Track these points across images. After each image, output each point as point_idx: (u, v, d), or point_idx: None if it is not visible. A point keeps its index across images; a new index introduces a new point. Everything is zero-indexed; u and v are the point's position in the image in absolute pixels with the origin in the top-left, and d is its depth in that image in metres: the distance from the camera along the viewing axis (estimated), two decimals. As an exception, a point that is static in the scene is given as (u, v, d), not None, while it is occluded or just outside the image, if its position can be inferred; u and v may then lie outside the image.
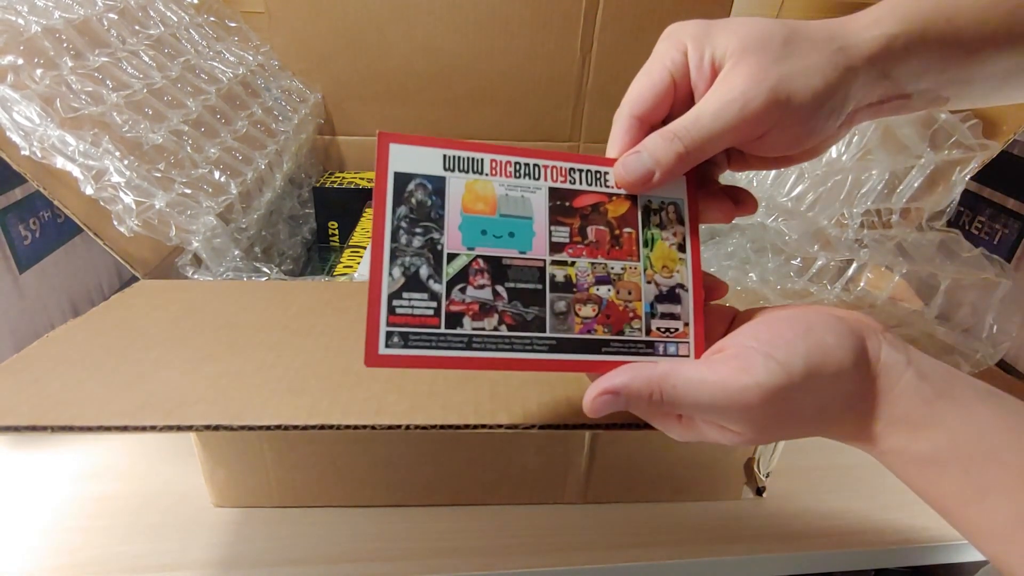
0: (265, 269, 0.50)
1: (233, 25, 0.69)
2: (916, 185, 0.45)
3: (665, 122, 0.27)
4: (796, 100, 0.25)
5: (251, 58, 0.68)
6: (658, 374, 0.24)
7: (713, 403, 0.24)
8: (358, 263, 0.57)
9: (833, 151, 0.52)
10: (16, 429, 0.27)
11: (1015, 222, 0.68)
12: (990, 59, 0.26)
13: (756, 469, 0.50)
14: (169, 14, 0.60)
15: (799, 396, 0.24)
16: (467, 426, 0.28)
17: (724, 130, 0.25)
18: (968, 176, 0.44)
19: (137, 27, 0.55)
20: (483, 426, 0.28)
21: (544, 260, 0.26)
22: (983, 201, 0.72)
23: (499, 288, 0.25)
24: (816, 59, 0.25)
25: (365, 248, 0.61)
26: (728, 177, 0.67)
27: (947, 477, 0.23)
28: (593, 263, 0.27)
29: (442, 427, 0.28)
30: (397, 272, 0.25)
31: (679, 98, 0.27)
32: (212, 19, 0.67)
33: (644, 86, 0.27)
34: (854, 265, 0.47)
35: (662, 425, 0.27)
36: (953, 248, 0.41)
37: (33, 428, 0.27)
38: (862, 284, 0.46)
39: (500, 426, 0.28)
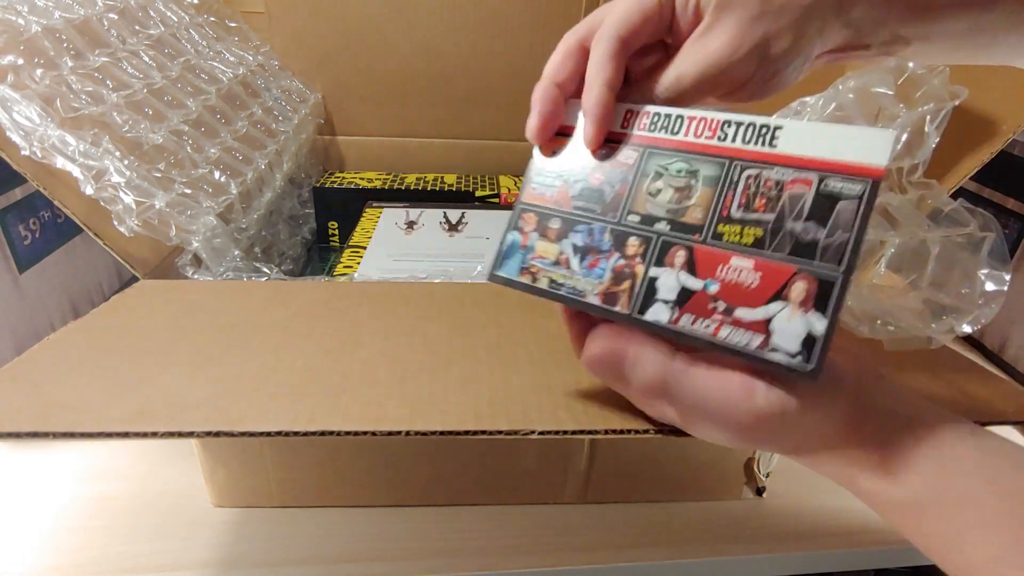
0: (265, 269, 0.50)
1: (233, 25, 0.69)
2: (897, 147, 0.45)
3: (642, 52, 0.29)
4: (770, 57, 0.26)
5: (251, 58, 0.68)
6: (670, 363, 0.25)
7: (708, 411, 0.25)
8: (358, 263, 0.57)
9: (808, 117, 0.52)
10: (17, 435, 0.26)
11: (1015, 222, 0.68)
12: (948, 15, 0.27)
13: (756, 469, 0.50)
14: (169, 14, 0.60)
15: (784, 429, 0.24)
16: (467, 432, 0.28)
17: (703, 88, 0.26)
18: (941, 126, 0.43)
19: (137, 27, 0.55)
20: (483, 432, 0.28)
21: None
22: (983, 201, 0.72)
23: None
24: (793, 14, 0.25)
25: (365, 248, 0.61)
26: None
27: (925, 520, 0.24)
28: None
29: (442, 433, 0.28)
30: None
31: (660, 28, 0.28)
32: (212, 19, 0.67)
33: (634, 9, 0.27)
34: None
35: (648, 403, 0.28)
36: (932, 200, 0.41)
37: (34, 435, 0.26)
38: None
39: (500, 432, 0.28)
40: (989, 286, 0.34)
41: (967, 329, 0.34)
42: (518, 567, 0.45)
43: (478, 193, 0.73)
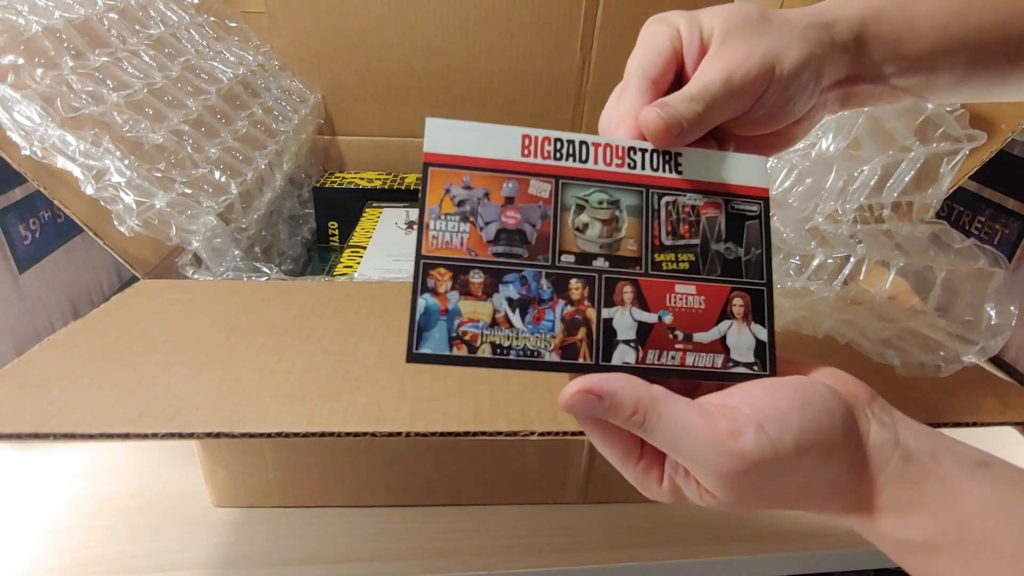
0: (265, 269, 0.50)
1: (233, 25, 0.69)
2: (907, 179, 0.45)
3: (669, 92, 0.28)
4: (781, 67, 0.25)
5: (251, 58, 0.68)
6: (649, 396, 0.23)
7: (693, 454, 0.23)
8: (358, 263, 0.57)
9: (823, 144, 0.52)
10: (19, 437, 0.26)
11: (1015, 222, 0.68)
12: (948, 50, 0.27)
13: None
14: (169, 14, 0.60)
15: (782, 474, 0.23)
16: (467, 433, 0.28)
17: (730, 96, 0.25)
18: (956, 167, 0.43)
19: (137, 27, 0.55)
20: (483, 433, 0.28)
21: None
22: (983, 201, 0.72)
23: None
24: (792, 34, 0.26)
25: (365, 248, 0.61)
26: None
27: (939, 565, 0.22)
28: None
29: (442, 434, 0.28)
30: None
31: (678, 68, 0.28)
32: (212, 19, 0.67)
33: (650, 53, 0.27)
34: (851, 261, 0.47)
35: (637, 476, 0.26)
36: (945, 240, 0.41)
37: (35, 436, 0.27)
38: (860, 279, 0.46)
39: (500, 433, 0.28)
40: (996, 320, 0.34)
41: (974, 360, 0.34)
42: (518, 567, 0.45)
43: (478, 193, 0.73)
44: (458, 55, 0.74)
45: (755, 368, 0.25)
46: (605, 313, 0.25)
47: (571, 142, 0.26)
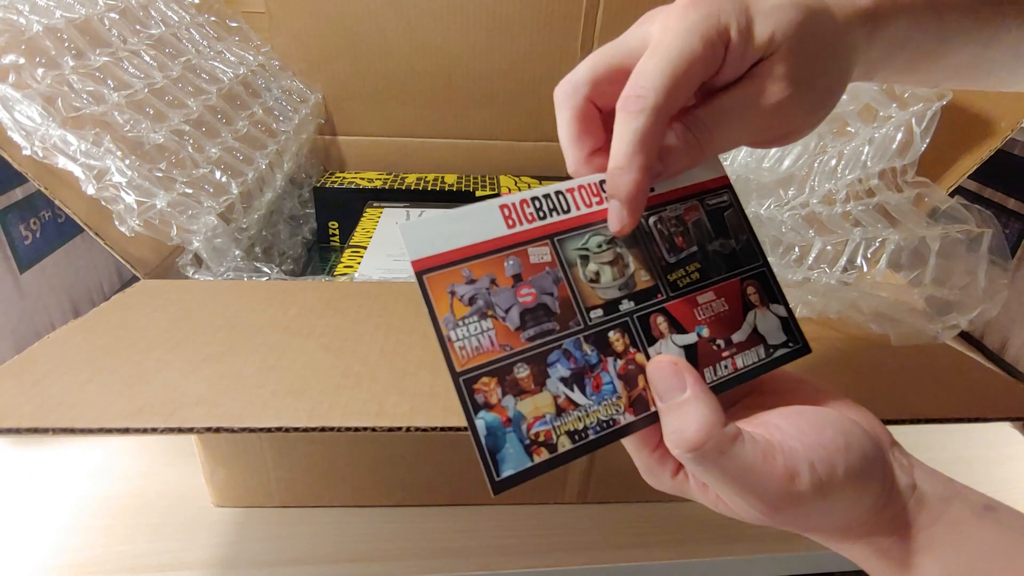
0: (266, 269, 0.50)
1: (234, 25, 0.69)
2: (893, 147, 0.46)
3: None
4: (729, 35, 0.24)
5: (252, 58, 0.68)
6: (727, 428, 0.22)
7: (746, 489, 0.22)
8: (358, 263, 0.57)
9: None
10: (17, 431, 0.27)
11: (1015, 222, 0.68)
12: (942, 55, 0.27)
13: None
14: (170, 14, 0.60)
15: (818, 509, 0.23)
16: (467, 428, 0.28)
17: (688, 70, 0.24)
18: (928, 126, 0.44)
19: (138, 27, 0.55)
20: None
21: None
22: (983, 201, 0.72)
23: None
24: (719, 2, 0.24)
25: (366, 248, 0.61)
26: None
27: None
28: None
29: (443, 429, 0.28)
30: None
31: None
32: (213, 19, 0.67)
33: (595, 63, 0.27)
34: (849, 246, 0.47)
35: (650, 463, 0.26)
36: (928, 197, 0.41)
37: (34, 430, 0.27)
38: (857, 262, 0.46)
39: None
40: (991, 281, 0.34)
41: (971, 324, 0.34)
42: (518, 567, 0.45)
43: (478, 193, 0.73)
44: (458, 55, 0.74)
45: (791, 345, 0.27)
46: (652, 351, 0.24)
47: (547, 196, 0.25)
